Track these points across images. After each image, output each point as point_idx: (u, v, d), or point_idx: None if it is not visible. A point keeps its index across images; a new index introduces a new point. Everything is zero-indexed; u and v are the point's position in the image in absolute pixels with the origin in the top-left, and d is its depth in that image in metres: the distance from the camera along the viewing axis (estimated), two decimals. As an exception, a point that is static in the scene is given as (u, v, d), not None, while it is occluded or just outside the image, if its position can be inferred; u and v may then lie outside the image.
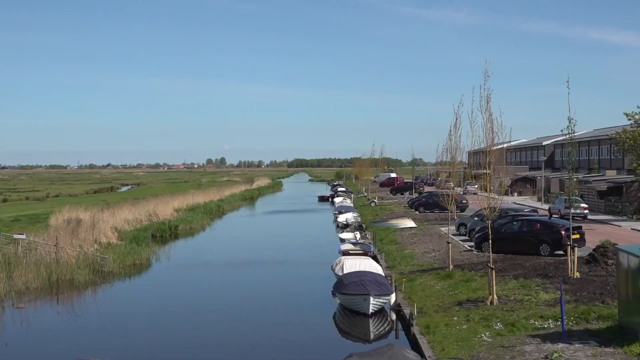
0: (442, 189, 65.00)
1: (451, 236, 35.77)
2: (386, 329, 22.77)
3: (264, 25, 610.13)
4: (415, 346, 18.43)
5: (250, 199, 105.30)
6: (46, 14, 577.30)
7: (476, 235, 34.48)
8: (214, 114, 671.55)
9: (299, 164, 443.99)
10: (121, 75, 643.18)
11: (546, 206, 59.07)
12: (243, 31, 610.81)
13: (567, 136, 26.04)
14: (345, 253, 34.00)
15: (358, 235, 45.38)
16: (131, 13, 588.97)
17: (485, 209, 23.96)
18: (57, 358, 20.20)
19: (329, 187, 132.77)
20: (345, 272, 26.89)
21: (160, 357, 20.06)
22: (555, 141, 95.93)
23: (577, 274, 24.04)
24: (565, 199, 44.83)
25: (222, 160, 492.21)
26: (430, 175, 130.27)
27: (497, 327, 18.34)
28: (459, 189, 74.22)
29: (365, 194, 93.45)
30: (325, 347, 20.96)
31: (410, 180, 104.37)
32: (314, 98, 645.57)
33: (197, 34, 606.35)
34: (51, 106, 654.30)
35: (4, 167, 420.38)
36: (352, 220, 54.72)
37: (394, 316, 23.80)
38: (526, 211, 44.70)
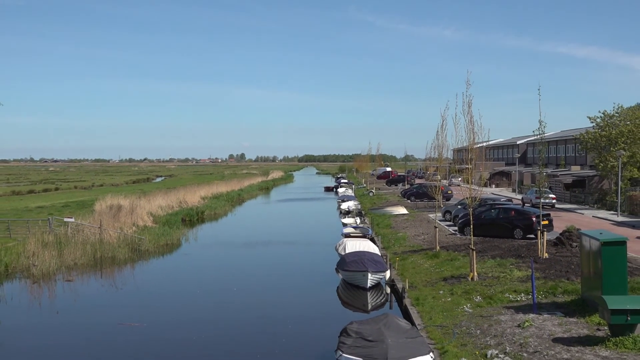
0: (430, 181, 64.84)
1: (438, 222, 35.74)
2: (382, 300, 22.80)
3: (278, 41, 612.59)
4: (407, 315, 18.45)
5: (266, 189, 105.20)
6: (103, 32, 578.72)
7: (459, 221, 34.45)
8: (235, 116, 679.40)
9: (308, 159, 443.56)
10: (157, 82, 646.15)
11: (519, 196, 58.92)
12: (260, 46, 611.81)
13: (538, 136, 25.95)
14: (347, 235, 33.96)
15: (358, 220, 45.39)
16: (170, 32, 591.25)
17: (467, 198, 23.91)
18: (101, 324, 20.29)
19: (334, 179, 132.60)
20: (347, 252, 26.88)
21: (188, 322, 20.13)
22: (527, 140, 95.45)
23: (546, 255, 24.02)
24: (536, 190, 44.73)
25: (242, 155, 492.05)
26: (420, 169, 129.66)
27: (477, 300, 18.36)
28: (444, 181, 74.04)
29: (365, 185, 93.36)
30: (329, 315, 21.00)
31: (403, 174, 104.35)
32: (320, 102, 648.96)
33: (222, 48, 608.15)
34: (97, 109, 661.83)
35: (55, 161, 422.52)
36: (353, 207, 54.67)
37: (388, 290, 23.81)
38: (502, 200, 44.60)
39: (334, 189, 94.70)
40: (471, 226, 23.96)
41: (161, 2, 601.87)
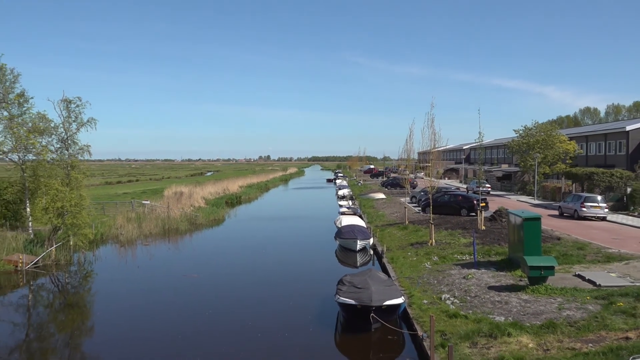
0: (401, 175, 64.77)
1: (407, 204, 35.73)
2: (367, 259, 22.81)
3: (293, 75, 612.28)
4: (385, 270, 18.51)
5: (285, 180, 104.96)
6: (169, 68, 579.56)
7: (422, 203, 34.39)
8: (263, 128, 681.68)
9: (315, 159, 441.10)
10: (208, 104, 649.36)
11: (465, 186, 58.72)
12: (280, 78, 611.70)
13: (478, 143, 25.88)
14: (342, 213, 34.04)
15: (350, 203, 45.35)
16: (216, 69, 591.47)
17: (428, 187, 23.90)
18: (169, 275, 20.42)
19: (333, 174, 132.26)
20: (342, 225, 26.91)
21: (231, 273, 20.23)
22: (471, 146, 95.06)
23: (483, 227, 24.02)
24: (477, 181, 44.57)
25: (268, 156, 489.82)
26: (394, 166, 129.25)
27: (434, 259, 18.39)
28: (412, 175, 73.86)
29: (355, 178, 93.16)
30: (329, 270, 21.03)
31: (382, 170, 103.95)
32: (323, 118, 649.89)
33: (252, 80, 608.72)
34: (166, 123, 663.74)
35: (136, 160, 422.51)
36: (347, 193, 54.60)
37: (371, 252, 23.85)
38: (453, 189, 44.49)
39: (334, 181, 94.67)
40: (430, 207, 23.99)
41: (209, 47, 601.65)
